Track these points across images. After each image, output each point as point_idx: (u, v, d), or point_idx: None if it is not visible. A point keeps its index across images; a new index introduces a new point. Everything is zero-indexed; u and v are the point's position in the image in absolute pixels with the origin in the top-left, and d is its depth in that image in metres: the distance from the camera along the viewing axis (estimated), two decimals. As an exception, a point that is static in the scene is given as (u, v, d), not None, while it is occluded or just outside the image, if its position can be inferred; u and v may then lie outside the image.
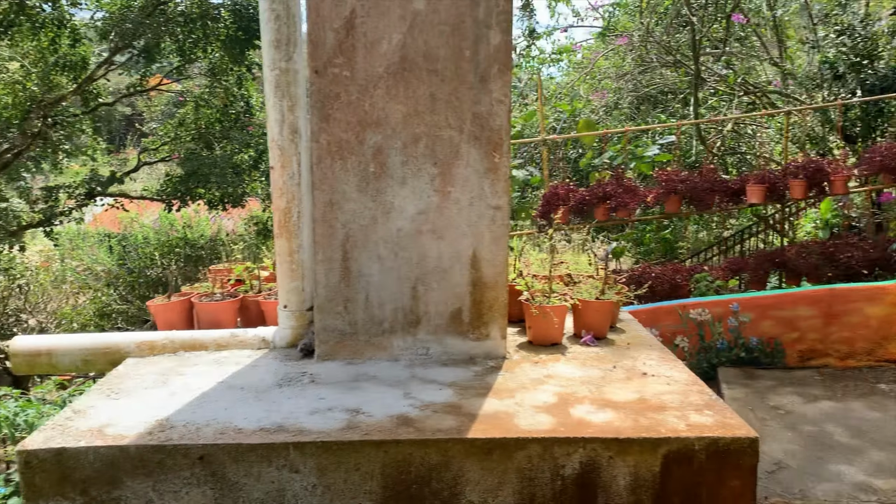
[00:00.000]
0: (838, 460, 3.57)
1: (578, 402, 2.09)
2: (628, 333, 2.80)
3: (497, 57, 2.29)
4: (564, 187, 5.84)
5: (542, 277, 2.84)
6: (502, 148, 2.33)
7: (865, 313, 4.86)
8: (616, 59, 13.08)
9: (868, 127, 8.89)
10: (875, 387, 4.54)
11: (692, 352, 4.97)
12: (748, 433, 1.87)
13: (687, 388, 2.18)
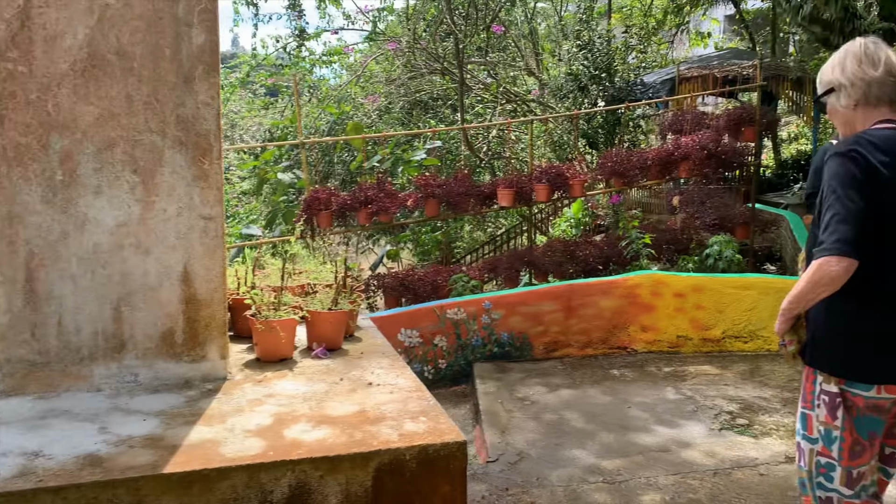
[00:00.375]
0: (573, 445, 3.84)
1: (295, 421, 2.00)
2: (365, 342, 2.77)
3: (202, 57, 2.13)
4: (326, 191, 5.77)
5: (276, 289, 2.73)
6: (212, 154, 2.18)
7: (600, 306, 5.31)
8: (386, 64, 13.28)
9: (609, 134, 9.81)
10: (608, 372, 4.97)
11: (450, 350, 5.13)
12: (456, 437, 1.90)
13: (408, 396, 2.18)
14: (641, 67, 10.83)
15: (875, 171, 1.98)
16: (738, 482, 3.35)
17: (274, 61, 13.91)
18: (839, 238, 1.92)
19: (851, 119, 2.16)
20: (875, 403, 2.01)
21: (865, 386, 2.01)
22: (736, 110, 6.52)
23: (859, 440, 2.03)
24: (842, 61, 2.15)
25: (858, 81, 2.10)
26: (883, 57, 2.10)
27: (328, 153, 11.10)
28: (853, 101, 2.13)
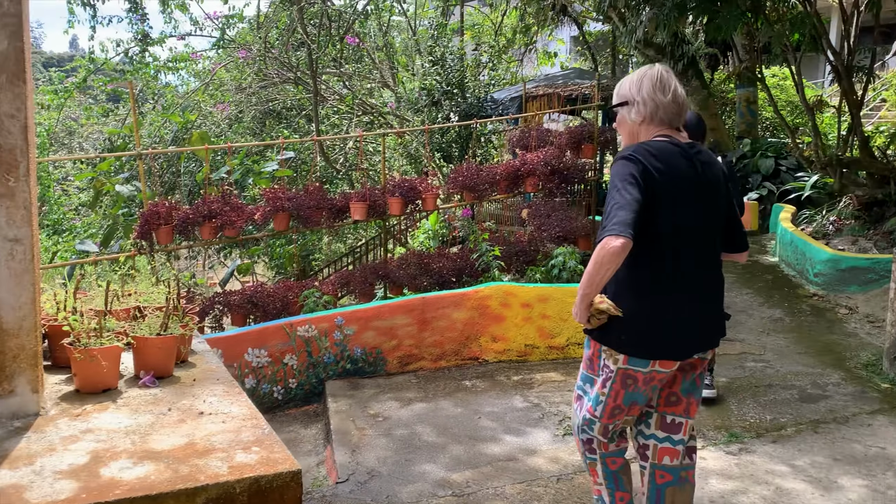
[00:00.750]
0: (424, 460, 3.84)
1: (115, 458, 1.86)
2: (199, 368, 2.63)
3: (4, 65, 1.95)
4: (165, 205, 5.47)
5: (100, 313, 2.53)
6: (18, 170, 1.99)
7: (452, 317, 5.38)
8: (236, 73, 12.87)
9: (463, 148, 10.02)
10: (461, 383, 5.04)
11: (301, 369, 5.00)
12: (291, 466, 1.83)
13: (241, 425, 2.09)
14: (492, 84, 11.16)
15: (650, 174, 2.31)
16: (580, 486, 3.48)
17: (115, 66, 13.12)
18: (616, 222, 2.22)
19: (636, 131, 2.52)
20: (650, 376, 2.41)
21: (644, 362, 2.39)
22: (577, 128, 6.86)
23: (621, 406, 2.48)
24: (639, 81, 2.47)
25: (650, 102, 2.44)
26: (673, 85, 2.45)
27: (173, 164, 10.58)
28: (642, 117, 2.47)
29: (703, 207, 2.42)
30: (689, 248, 2.39)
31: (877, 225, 7.54)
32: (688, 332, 2.41)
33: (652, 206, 2.30)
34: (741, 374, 5.05)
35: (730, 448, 3.90)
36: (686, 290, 2.39)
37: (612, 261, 2.22)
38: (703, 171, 2.42)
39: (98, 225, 11.18)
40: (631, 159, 2.34)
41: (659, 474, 2.55)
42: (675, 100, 2.44)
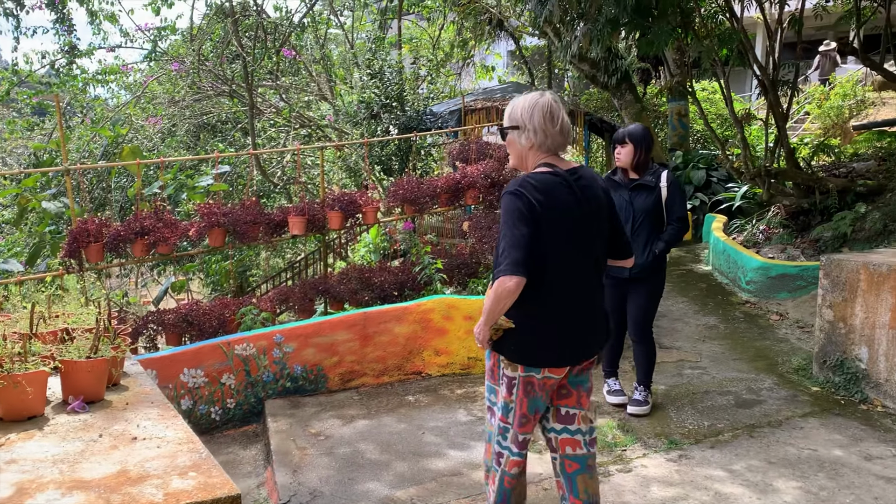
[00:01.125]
0: (367, 478, 3.78)
1: (41, 489, 1.76)
2: (132, 391, 2.53)
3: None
4: (95, 222, 5.27)
5: (25, 336, 2.41)
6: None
7: (395, 332, 5.34)
8: (169, 85, 12.58)
9: (403, 161, 10.01)
10: (404, 399, 4.99)
11: (239, 388, 4.88)
12: (230, 491, 1.77)
13: (177, 449, 2.01)
14: (431, 98, 11.19)
15: (533, 207, 2.53)
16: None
17: (40, 79, 12.66)
18: (510, 261, 2.47)
19: (525, 155, 2.73)
20: (543, 382, 2.68)
21: (536, 370, 2.65)
22: (516, 141, 6.91)
23: (526, 414, 2.71)
24: (531, 109, 2.66)
25: (540, 131, 2.64)
26: (561, 116, 2.67)
27: (104, 179, 10.24)
28: (531, 143, 2.68)
29: (585, 230, 2.66)
30: (572, 270, 2.65)
31: (803, 233, 7.83)
32: (574, 341, 2.70)
33: (538, 237, 2.54)
34: (679, 381, 5.15)
35: (670, 455, 3.97)
36: (570, 305, 2.67)
37: (508, 297, 2.50)
38: (583, 195, 2.66)
39: (22, 243, 10.72)
40: (517, 194, 2.56)
41: (567, 463, 2.80)
42: (562, 131, 2.67)
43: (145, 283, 11.64)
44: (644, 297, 4.47)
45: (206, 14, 11.71)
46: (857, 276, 4.72)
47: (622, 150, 4.44)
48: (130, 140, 11.25)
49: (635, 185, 4.43)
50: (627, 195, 4.45)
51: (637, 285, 4.47)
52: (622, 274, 4.45)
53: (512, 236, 2.50)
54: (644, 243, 4.39)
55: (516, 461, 2.78)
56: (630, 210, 4.42)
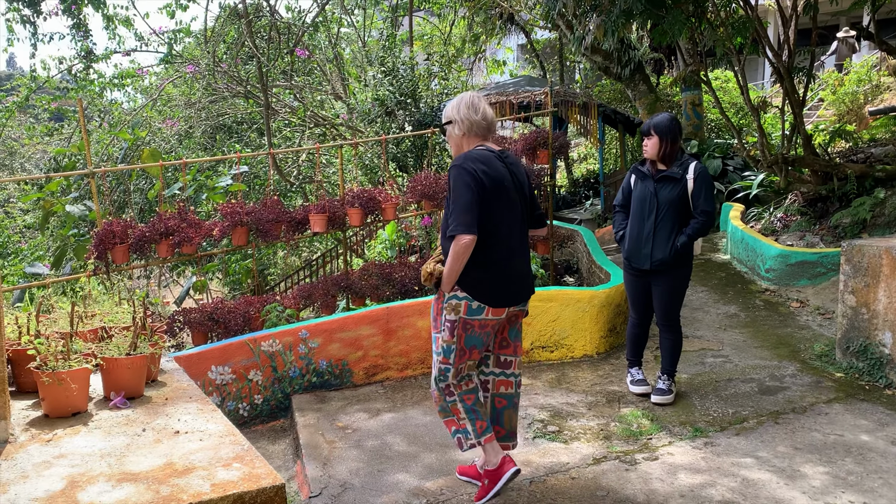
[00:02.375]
0: (396, 470, 3.84)
1: (92, 481, 1.82)
2: (170, 386, 2.59)
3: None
4: (120, 224, 5.35)
5: (66, 335, 2.48)
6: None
7: (417, 326, 5.39)
8: (185, 88, 12.68)
9: (418, 158, 10.05)
10: (428, 392, 5.04)
11: (266, 384, 4.95)
12: (274, 481, 1.82)
13: (219, 442, 2.06)
14: (444, 93, 11.21)
15: (476, 175, 3.12)
16: (552, 488, 3.52)
17: (58, 84, 12.80)
18: (462, 222, 3.06)
19: (461, 143, 3.33)
20: (484, 322, 3.24)
21: (480, 310, 3.21)
22: (531, 134, 6.94)
23: (464, 348, 3.26)
24: (458, 105, 3.30)
25: (467, 120, 3.27)
26: (482, 107, 3.30)
27: (123, 182, 10.36)
28: (462, 132, 3.29)
29: (515, 197, 3.28)
30: (509, 228, 3.25)
31: (822, 220, 7.81)
32: (511, 287, 3.28)
33: (482, 200, 3.12)
34: (702, 369, 5.17)
35: (695, 443, 3.99)
36: (509, 260, 3.26)
37: (465, 252, 3.10)
38: (512, 171, 3.29)
39: (45, 247, 10.88)
40: (463, 167, 3.13)
41: (497, 401, 3.48)
42: (484, 118, 3.29)
43: (166, 285, 11.76)
44: (668, 289, 4.48)
45: (219, 16, 11.80)
46: (880, 260, 4.71)
47: (648, 142, 4.43)
48: (148, 143, 11.36)
49: (661, 176, 4.42)
50: (653, 186, 4.44)
51: (659, 277, 4.47)
52: (643, 265, 4.47)
53: (462, 201, 3.08)
54: (668, 235, 4.38)
55: (461, 386, 3.34)
56: (654, 201, 4.42)
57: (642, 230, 4.48)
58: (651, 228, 4.43)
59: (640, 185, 4.56)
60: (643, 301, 4.62)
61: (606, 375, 5.20)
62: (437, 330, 3.37)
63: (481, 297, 3.19)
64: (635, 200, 4.56)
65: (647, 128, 4.44)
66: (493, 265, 3.21)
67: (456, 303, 3.21)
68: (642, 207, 4.49)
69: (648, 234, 4.44)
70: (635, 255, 4.53)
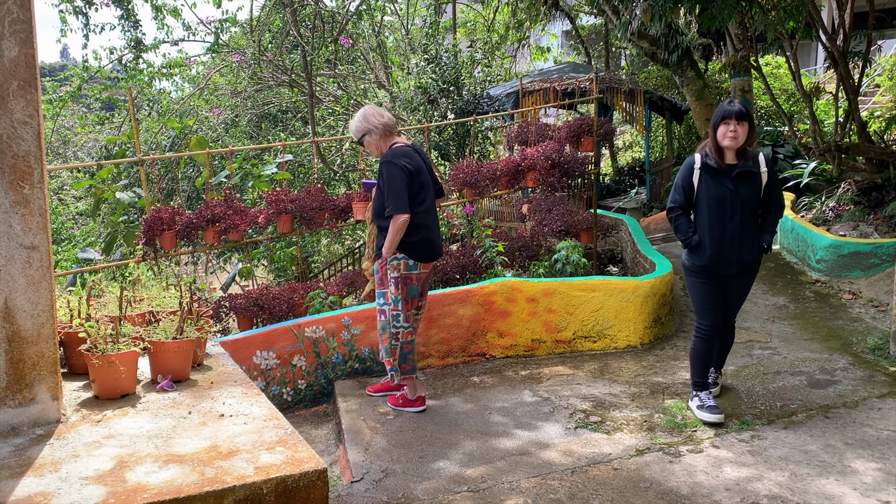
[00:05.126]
0: (437, 457, 3.85)
1: (140, 462, 1.86)
2: (215, 370, 2.63)
3: (15, 72, 1.95)
4: (168, 210, 5.46)
5: (115, 319, 2.53)
6: (33, 177, 1.99)
7: (458, 314, 5.38)
8: (231, 77, 12.85)
9: (460, 146, 10.02)
10: (469, 380, 5.04)
11: (310, 370, 5.00)
12: (316, 465, 1.84)
13: (263, 426, 2.09)
14: (487, 81, 11.16)
15: (404, 167, 4.05)
16: (594, 479, 3.49)
17: (108, 74, 13.09)
18: (400, 203, 4.01)
19: (380, 144, 4.22)
20: (420, 275, 4.25)
21: (415, 266, 4.20)
22: (576, 121, 6.86)
23: (406, 298, 4.22)
24: (365, 118, 4.19)
25: (381, 126, 4.19)
26: (385, 113, 4.25)
27: (171, 170, 10.56)
28: (380, 135, 4.20)
29: (428, 178, 4.23)
30: (428, 203, 4.22)
31: (876, 209, 7.56)
32: (433, 248, 4.26)
33: (410, 185, 4.06)
34: (749, 361, 5.06)
35: (741, 435, 3.91)
36: (430, 227, 4.22)
37: (403, 227, 4.06)
38: (423, 157, 4.23)
39: (97, 233, 11.16)
40: (393, 162, 4.05)
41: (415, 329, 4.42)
42: (389, 119, 4.23)
43: (213, 271, 11.97)
44: (746, 289, 4.20)
45: (264, 5, 11.90)
46: (938, 252, 4.54)
47: (739, 128, 3.85)
48: (195, 131, 11.55)
49: (739, 172, 3.93)
50: (731, 184, 3.94)
51: (741, 279, 4.12)
52: (729, 271, 4.04)
53: (396, 189, 4.00)
54: (753, 235, 4.01)
55: (409, 332, 4.28)
56: (736, 201, 3.94)
57: (725, 233, 3.98)
58: (736, 230, 3.96)
59: (711, 183, 4.00)
60: (721, 307, 4.16)
61: (650, 366, 5.13)
62: (384, 287, 4.27)
63: (415, 256, 4.17)
64: (711, 201, 3.99)
65: (739, 112, 3.85)
66: (420, 231, 4.15)
67: (397, 262, 4.16)
68: (721, 208, 3.96)
69: (734, 236, 3.97)
70: (719, 260, 4.02)
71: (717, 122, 3.93)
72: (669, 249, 8.35)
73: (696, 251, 4.09)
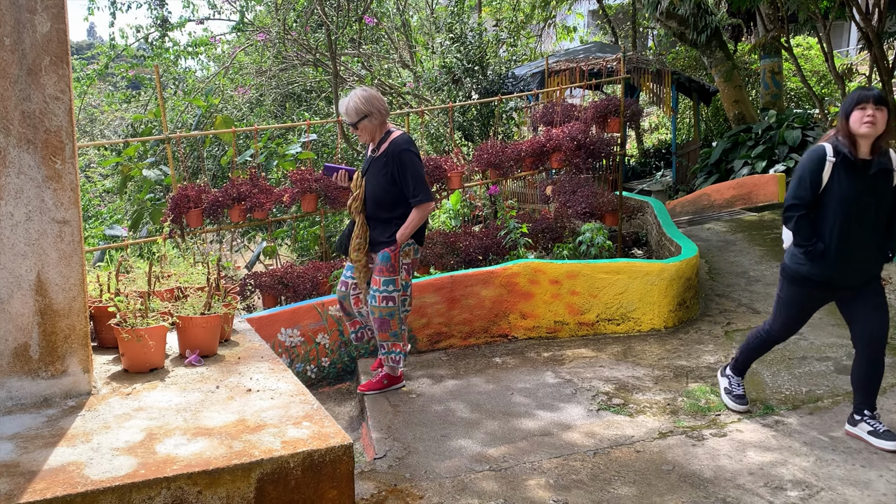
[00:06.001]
0: (459, 436, 3.87)
1: (169, 434, 1.89)
2: (242, 346, 2.66)
3: (48, 47, 1.96)
4: (195, 188, 5.50)
5: (143, 294, 2.56)
6: (65, 152, 2.01)
7: (481, 295, 5.38)
8: (256, 56, 12.86)
9: (484, 126, 9.97)
10: (491, 360, 5.05)
11: (333, 347, 5.04)
12: (343, 440, 1.85)
13: (290, 401, 2.11)
14: (512, 60, 11.07)
15: (419, 154, 4.12)
16: (616, 460, 3.49)
17: (135, 52, 13.16)
18: (429, 191, 4.07)
19: (375, 130, 4.11)
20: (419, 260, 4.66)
21: (417, 251, 4.30)
22: (602, 102, 6.78)
23: (410, 284, 4.32)
24: (368, 99, 4.01)
25: (382, 109, 4.07)
26: (382, 98, 4.11)
27: (196, 148, 10.63)
28: (379, 120, 4.08)
29: None
30: None
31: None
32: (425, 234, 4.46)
33: None
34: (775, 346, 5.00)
35: (766, 420, 3.88)
36: None
37: (427, 215, 4.11)
38: None
39: (123, 210, 11.28)
40: (412, 150, 4.03)
41: None
42: (386, 105, 4.11)
43: (238, 249, 12.07)
44: (883, 303, 3.59)
45: (289, -16, 11.87)
46: (973, 238, 4.44)
47: (877, 114, 3.33)
48: (220, 110, 11.60)
49: (879, 170, 3.42)
50: (868, 182, 3.41)
51: (865, 291, 3.59)
52: (852, 282, 3.55)
53: (421, 176, 4.02)
54: (880, 242, 3.53)
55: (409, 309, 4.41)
56: (871, 203, 3.43)
57: (853, 239, 3.46)
58: (866, 236, 3.47)
59: (844, 179, 3.42)
60: (807, 320, 3.84)
61: (674, 350, 5.10)
62: (390, 274, 4.14)
63: (419, 242, 4.27)
64: (843, 201, 3.42)
65: (871, 96, 3.35)
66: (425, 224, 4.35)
67: (409, 249, 4.19)
68: (850, 209, 3.42)
69: (862, 243, 3.47)
70: (843, 271, 3.52)
71: (849, 108, 3.38)
72: (695, 233, 8.26)
73: (815, 259, 3.52)
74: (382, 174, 4.06)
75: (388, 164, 4.03)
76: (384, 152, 4.09)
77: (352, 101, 4.00)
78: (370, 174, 4.18)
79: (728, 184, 10.31)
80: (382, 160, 4.09)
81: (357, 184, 4.20)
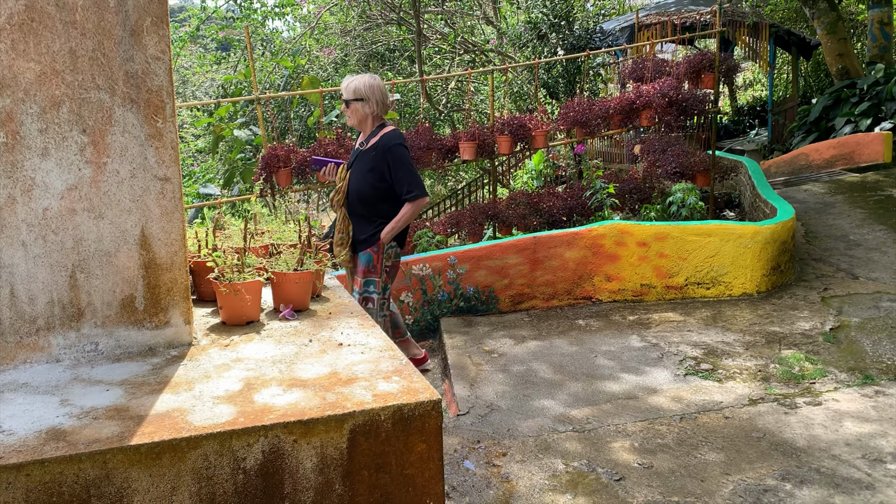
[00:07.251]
0: (542, 396, 3.87)
1: (265, 385, 1.95)
2: (332, 302, 2.72)
3: (149, 8, 2.01)
4: (284, 148, 5.61)
5: (239, 250, 2.65)
6: (165, 111, 2.08)
7: (565, 257, 5.32)
8: (341, 15, 12.93)
9: (569, 84, 9.75)
10: (574, 322, 5.01)
11: (417, 306, 5.11)
12: (431, 396, 1.87)
13: (379, 356, 2.14)
14: (600, 15, 10.73)
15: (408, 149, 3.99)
16: (704, 426, 3.42)
17: (224, 14, 13.46)
18: (422, 187, 3.87)
19: (365, 119, 3.93)
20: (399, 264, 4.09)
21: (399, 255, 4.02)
22: (696, 57, 6.50)
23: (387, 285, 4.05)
24: (372, 85, 3.87)
25: (381, 104, 3.91)
26: (387, 93, 3.98)
27: (284, 109, 10.83)
28: (373, 111, 3.90)
29: None
30: None
31: None
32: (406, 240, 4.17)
33: None
34: (876, 314, 4.77)
35: (864, 391, 3.72)
36: None
37: (419, 211, 3.96)
38: None
39: (215, 170, 11.68)
40: (404, 146, 3.88)
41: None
42: (388, 104, 4.01)
43: (324, 209, 12.33)
44: None
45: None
46: None
47: None
48: (307, 71, 11.76)
49: None
50: None
51: None
52: None
53: (413, 171, 3.87)
54: None
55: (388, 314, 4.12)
56: None
57: None
58: None
59: None
60: None
61: (767, 315, 4.92)
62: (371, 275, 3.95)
63: (401, 244, 4.05)
64: None
65: None
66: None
67: (391, 251, 3.97)
68: None
69: None
70: None
71: None
72: (791, 194, 7.90)
73: None
74: (369, 168, 3.86)
75: (377, 157, 3.83)
76: (373, 146, 3.88)
77: (355, 81, 3.90)
78: (356, 168, 3.98)
79: (828, 143, 9.77)
80: (371, 153, 3.88)
81: (341, 176, 4.01)
